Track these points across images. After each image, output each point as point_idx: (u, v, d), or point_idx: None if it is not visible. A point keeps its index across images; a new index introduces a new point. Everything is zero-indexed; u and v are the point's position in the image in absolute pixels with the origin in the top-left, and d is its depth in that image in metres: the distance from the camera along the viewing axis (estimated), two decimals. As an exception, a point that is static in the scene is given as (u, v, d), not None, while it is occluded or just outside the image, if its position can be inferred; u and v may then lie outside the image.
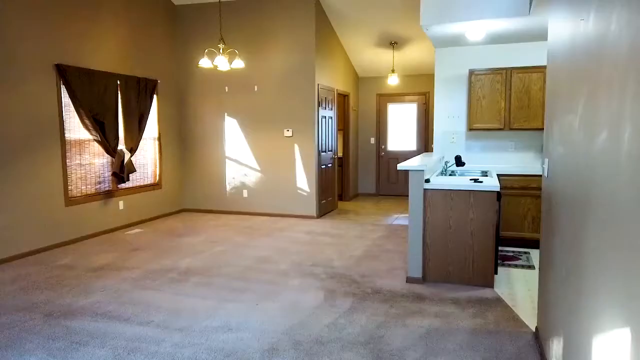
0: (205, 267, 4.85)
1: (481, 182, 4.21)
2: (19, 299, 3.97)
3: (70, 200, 5.85)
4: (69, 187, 5.84)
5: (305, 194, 7.43)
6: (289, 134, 7.39)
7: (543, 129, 5.56)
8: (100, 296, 4.01)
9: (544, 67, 5.43)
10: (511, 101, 5.69)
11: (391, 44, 8.21)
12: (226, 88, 7.64)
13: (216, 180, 7.90)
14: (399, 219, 7.38)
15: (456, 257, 4.20)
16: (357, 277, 4.49)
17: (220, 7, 6.59)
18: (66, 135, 5.77)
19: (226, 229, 6.66)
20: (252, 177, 7.69)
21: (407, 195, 4.37)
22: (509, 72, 5.69)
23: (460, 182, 4.26)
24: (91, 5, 6.06)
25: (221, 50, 5.59)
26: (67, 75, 5.66)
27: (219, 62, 5.61)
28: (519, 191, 5.40)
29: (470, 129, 5.91)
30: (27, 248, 5.30)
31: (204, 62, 5.80)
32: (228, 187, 7.85)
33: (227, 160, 7.82)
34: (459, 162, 5.60)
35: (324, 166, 7.73)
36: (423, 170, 4.22)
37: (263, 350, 3.02)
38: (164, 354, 2.99)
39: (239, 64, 5.96)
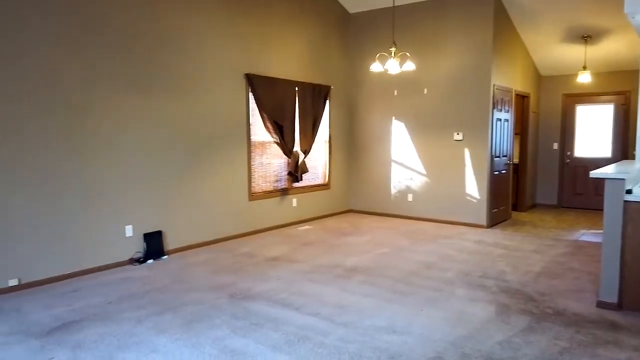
0: (370, 267, 4.90)
1: None
2: (209, 279, 4.53)
3: (253, 196, 6.49)
4: (252, 184, 6.49)
5: (474, 201, 7.02)
6: (459, 137, 7.06)
7: None
8: (275, 284, 4.34)
9: None
10: None
11: (583, 37, 7.26)
12: (395, 91, 7.65)
13: (381, 183, 7.96)
14: (586, 235, 6.47)
15: (666, 284, 3.49)
16: (534, 294, 4.05)
17: (393, 11, 6.63)
18: (251, 137, 6.42)
19: (390, 232, 6.65)
20: (417, 181, 7.56)
21: (596, 209, 3.80)
22: None
23: (675, 194, 3.54)
24: (275, 18, 6.65)
25: (393, 54, 5.61)
26: (254, 83, 6.30)
27: (389, 65, 5.63)
28: None
29: (688, 132, 4.88)
30: (215, 236, 6.02)
31: (375, 67, 5.88)
32: (393, 191, 7.84)
33: (392, 164, 7.82)
34: (671, 171, 4.66)
35: (497, 172, 7.19)
36: (624, 179, 3.61)
37: (428, 358, 2.90)
38: (330, 346, 3.08)
39: (409, 66, 5.89)
